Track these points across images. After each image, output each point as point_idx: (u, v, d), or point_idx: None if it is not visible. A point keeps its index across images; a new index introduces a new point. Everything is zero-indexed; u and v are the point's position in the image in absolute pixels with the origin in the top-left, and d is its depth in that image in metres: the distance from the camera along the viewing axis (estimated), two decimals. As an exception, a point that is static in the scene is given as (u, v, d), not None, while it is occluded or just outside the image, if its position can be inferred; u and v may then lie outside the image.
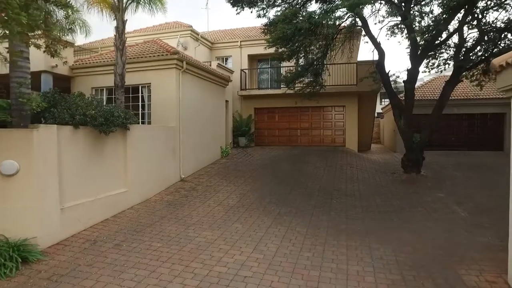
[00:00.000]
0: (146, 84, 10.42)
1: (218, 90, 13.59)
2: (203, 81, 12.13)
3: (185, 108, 10.68)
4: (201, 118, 11.91)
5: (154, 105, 10.27)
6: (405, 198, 9.08)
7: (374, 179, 11.13)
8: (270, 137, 17.27)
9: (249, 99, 17.23)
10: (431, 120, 11.42)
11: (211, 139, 12.77)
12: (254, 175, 11.13)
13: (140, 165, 8.31)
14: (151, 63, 10.14)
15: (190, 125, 11.00)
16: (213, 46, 18.07)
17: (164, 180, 9.46)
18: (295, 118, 16.98)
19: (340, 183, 10.42)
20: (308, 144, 16.70)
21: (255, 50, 17.39)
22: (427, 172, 11.83)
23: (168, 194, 9.06)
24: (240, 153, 14.55)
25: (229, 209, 7.91)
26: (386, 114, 22.41)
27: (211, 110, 12.88)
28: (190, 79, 11.06)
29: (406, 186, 10.45)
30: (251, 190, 9.47)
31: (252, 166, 12.24)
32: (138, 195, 8.14)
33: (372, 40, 11.64)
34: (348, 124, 16.12)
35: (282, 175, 11.09)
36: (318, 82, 12.94)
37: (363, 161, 13.87)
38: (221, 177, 10.84)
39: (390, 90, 11.75)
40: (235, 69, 17.02)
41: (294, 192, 9.37)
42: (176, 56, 9.83)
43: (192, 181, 10.30)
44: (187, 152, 10.77)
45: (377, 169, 12.70)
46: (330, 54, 12.36)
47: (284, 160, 13.20)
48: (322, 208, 8.05)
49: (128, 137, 7.82)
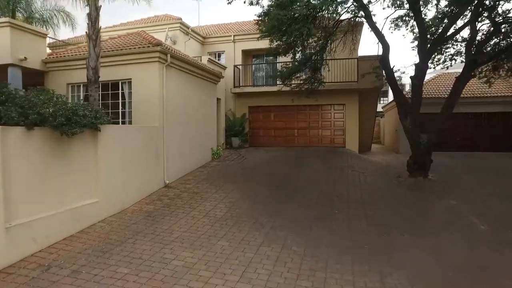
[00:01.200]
0: (127, 80, 9.40)
1: (208, 87, 12.59)
2: (191, 77, 11.12)
3: (170, 106, 9.67)
4: (189, 117, 10.91)
5: (136, 103, 9.26)
6: (414, 206, 8.13)
7: (377, 184, 10.17)
8: (265, 137, 16.29)
9: (243, 97, 16.23)
10: (440, 120, 10.48)
11: (200, 140, 11.77)
12: (247, 179, 10.14)
13: (115, 171, 7.31)
14: (131, 56, 9.12)
15: (176, 125, 10.00)
16: (205, 41, 17.05)
17: (145, 187, 8.46)
18: (292, 117, 16.00)
19: (341, 188, 9.45)
20: (306, 144, 15.74)
21: (250, 45, 16.39)
22: (435, 176, 10.90)
23: (149, 203, 8.06)
24: (232, 155, 13.56)
25: (216, 222, 6.93)
26: (387, 113, 21.48)
27: (201, 109, 11.87)
28: (176, 75, 10.05)
29: (413, 191, 9.50)
30: (242, 198, 8.48)
31: (244, 170, 11.26)
32: (112, 206, 7.13)
33: (376, 32, 10.67)
34: (348, 123, 15.17)
35: (278, 180, 10.12)
36: (317, 78, 11.96)
37: (364, 163, 12.91)
38: (210, 182, 9.85)
39: (395, 87, 10.79)
40: (228, 65, 16.02)
41: (290, 200, 8.40)
42: (159, 48, 8.81)
43: (177, 187, 9.30)
44: (173, 155, 9.77)
45: (380, 172, 11.75)
46: (330, 47, 11.37)
47: (280, 163, 12.23)
48: (321, 220, 7.08)
49: (100, 139, 6.81)
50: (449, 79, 17.76)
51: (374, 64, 12.51)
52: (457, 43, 13.26)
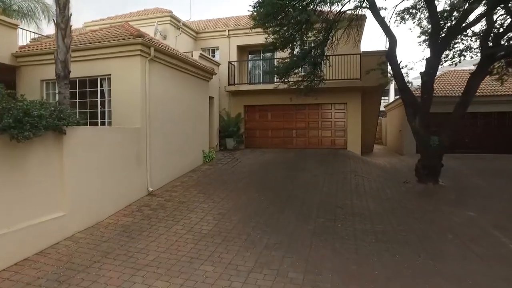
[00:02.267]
0: (106, 76, 8.44)
1: (200, 84, 11.64)
2: (180, 74, 10.17)
3: (155, 105, 8.73)
4: (177, 117, 9.96)
5: (115, 102, 8.30)
6: (427, 218, 7.20)
7: (384, 191, 9.25)
8: (261, 139, 15.35)
9: (238, 96, 15.29)
10: (452, 120, 9.56)
11: (190, 142, 10.82)
12: (240, 186, 9.20)
13: (87, 179, 6.37)
14: (110, 49, 8.16)
15: (161, 126, 9.05)
16: (198, 36, 16.09)
17: (124, 196, 7.51)
18: (290, 117, 15.07)
19: (344, 196, 8.53)
20: (305, 146, 14.80)
21: (245, 40, 15.45)
22: (445, 181, 10.00)
23: (128, 214, 7.11)
24: (226, 158, 12.62)
25: (201, 239, 5.99)
26: (390, 112, 20.58)
27: (191, 108, 10.93)
28: (162, 70, 9.11)
29: (424, 200, 8.59)
30: (233, 209, 7.55)
31: (238, 175, 10.32)
32: (82, 219, 6.19)
33: (382, 24, 9.76)
34: (350, 123, 14.24)
35: (274, 187, 9.19)
36: (317, 75, 11.02)
37: (368, 167, 11.99)
38: (199, 189, 8.91)
39: (403, 84, 9.87)
40: (223, 62, 15.07)
41: (287, 211, 7.47)
42: (140, 40, 7.86)
43: (162, 196, 8.36)
44: (158, 159, 8.83)
45: (385, 177, 10.83)
46: (331, 40, 10.43)
47: (277, 166, 11.30)
48: (323, 236, 6.15)
49: (67, 143, 5.86)
50: (456, 77, 16.88)
51: (378, 60, 11.60)
52: (467, 37, 12.38)
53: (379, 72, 11.43)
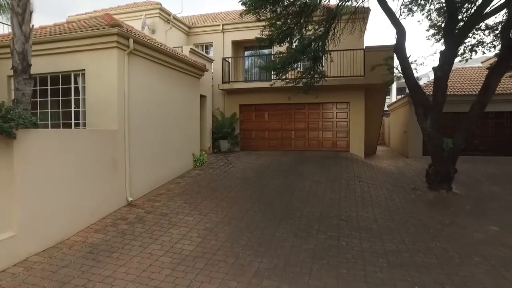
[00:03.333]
0: (80, 71, 7.48)
1: (190, 82, 10.68)
2: (167, 70, 9.22)
3: (136, 104, 7.78)
4: (163, 117, 9.01)
5: (90, 101, 7.34)
6: (445, 234, 6.25)
7: (392, 200, 8.29)
8: (258, 140, 14.39)
9: (233, 94, 14.33)
10: (468, 121, 8.59)
11: (178, 145, 9.86)
12: (231, 195, 8.24)
13: (46, 191, 5.40)
14: (83, 40, 7.19)
15: (144, 128, 8.10)
16: (191, 31, 15.13)
17: (98, 208, 6.55)
18: (289, 117, 14.11)
19: (348, 207, 7.57)
20: (304, 148, 13.85)
21: (241, 35, 14.50)
22: (458, 188, 9.05)
23: (99, 230, 6.15)
24: (219, 161, 11.66)
25: (181, 262, 5.03)
26: (394, 112, 19.62)
27: (180, 108, 9.97)
28: (144, 65, 8.16)
29: (437, 211, 7.63)
30: (222, 222, 6.59)
31: (230, 181, 9.35)
32: (39, 239, 5.23)
33: (389, 15, 8.80)
34: (352, 124, 13.28)
35: (269, 196, 8.23)
36: (317, 71, 10.05)
37: (373, 172, 11.03)
38: (186, 198, 7.94)
39: (412, 81, 8.90)
40: (217, 58, 14.12)
41: (283, 225, 6.51)
42: (116, 29, 6.89)
43: (142, 206, 7.39)
44: (139, 165, 7.87)
45: (392, 184, 9.87)
46: (333, 32, 9.46)
47: (274, 172, 10.33)
48: (325, 259, 5.19)
49: (18, 149, 4.90)
50: (466, 74, 15.95)
51: (384, 55, 10.68)
52: (478, 31, 11.44)
53: (385, 68, 10.50)
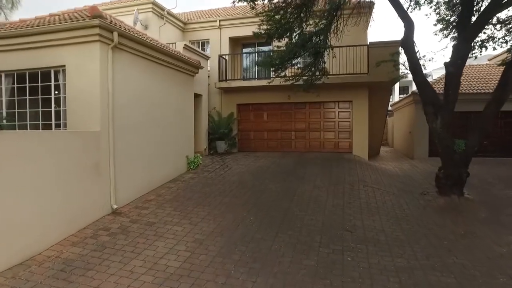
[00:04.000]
0: (60, 67, 6.87)
1: (184, 80, 10.07)
2: (158, 67, 8.61)
3: (122, 103, 7.18)
4: (154, 117, 8.40)
5: (71, 99, 6.73)
6: (461, 247, 5.62)
7: (400, 206, 7.67)
8: (256, 141, 13.78)
9: (231, 93, 13.72)
10: (483, 120, 7.94)
11: (171, 147, 9.25)
12: (226, 201, 7.62)
13: (13, 200, 4.80)
14: (62, 33, 6.58)
15: (131, 129, 7.50)
16: (186, 28, 14.52)
17: (77, 217, 5.94)
18: (289, 117, 13.50)
19: (353, 215, 6.95)
20: (305, 149, 13.24)
21: (239, 32, 13.88)
22: (471, 193, 8.42)
23: (77, 243, 5.54)
24: (214, 164, 11.04)
25: (164, 282, 4.42)
26: (397, 111, 18.98)
27: (172, 107, 9.36)
28: (131, 61, 7.55)
29: (450, 218, 7.00)
30: (214, 233, 5.97)
31: (225, 186, 8.74)
32: (3, 256, 4.62)
33: (396, 7, 8.18)
34: (356, 124, 12.66)
35: (267, 202, 7.61)
36: (318, 67, 9.43)
37: (378, 175, 10.40)
38: (176, 205, 7.33)
39: (421, 78, 8.27)
40: (214, 55, 13.52)
41: (282, 237, 5.89)
42: (97, 21, 6.27)
43: (128, 214, 6.78)
44: (126, 169, 7.27)
45: (399, 188, 9.24)
46: (336, 24, 8.83)
47: (272, 175, 9.72)
48: (329, 279, 4.57)
49: (-21, 154, 4.30)
50: (473, 72, 15.31)
51: (389, 51, 10.05)
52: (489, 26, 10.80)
53: (391, 65, 9.87)
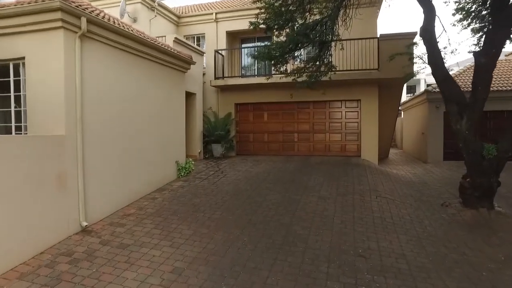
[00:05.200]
0: (20, 60, 5.85)
1: (173, 76, 9.02)
2: (141, 61, 7.56)
3: (95, 102, 6.14)
4: (135, 119, 7.36)
5: (32, 97, 5.69)
6: (507, 279, 4.51)
7: (420, 222, 6.55)
8: (256, 144, 12.71)
9: (228, 92, 12.66)
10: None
11: (157, 152, 8.20)
12: (216, 217, 6.54)
13: None
14: (18, 19, 5.53)
15: (107, 132, 6.45)
16: (180, 21, 13.48)
17: (32, 240, 4.90)
18: (291, 117, 12.42)
19: (366, 234, 5.84)
20: (309, 153, 12.14)
21: (237, 25, 12.81)
22: (502, 205, 7.29)
23: (27, 274, 4.48)
24: (209, 169, 9.98)
25: (123, 337, 3.36)
26: (407, 111, 17.82)
27: (159, 107, 8.32)
28: (106, 54, 6.50)
29: (482, 238, 5.87)
30: (198, 260, 4.89)
31: (218, 196, 7.66)
32: None
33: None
34: (364, 125, 11.54)
35: (265, 217, 6.52)
36: (324, 61, 8.32)
37: (390, 182, 9.28)
38: (159, 221, 6.27)
39: (443, 72, 7.14)
40: (210, 51, 12.48)
41: (280, 265, 4.80)
42: (58, 3, 5.21)
43: (101, 233, 5.73)
44: (100, 179, 6.22)
45: (416, 198, 8.12)
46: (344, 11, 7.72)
47: (272, 183, 8.63)
48: (340, 329, 3.48)
49: None
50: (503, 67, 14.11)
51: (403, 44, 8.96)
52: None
53: (405, 59, 8.76)
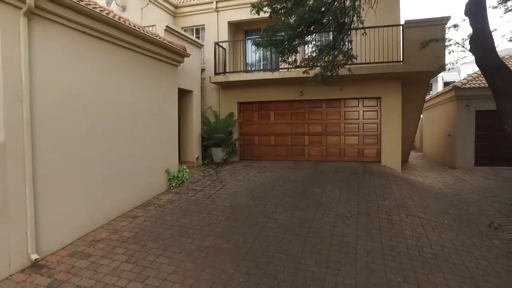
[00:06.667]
0: (-44, 47, 4.59)
1: (162, 71, 7.72)
2: (118, 51, 6.26)
3: (52, 102, 4.85)
4: (111, 121, 6.05)
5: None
6: None
7: (468, 252, 5.08)
8: (262, 148, 11.34)
9: (230, 89, 11.32)
10: None
11: (141, 160, 6.89)
12: (208, 243, 5.16)
13: None
14: None
15: (69, 137, 5.16)
16: (178, 12, 12.19)
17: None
18: (301, 118, 11.00)
19: (400, 272, 4.40)
20: (321, 158, 10.72)
21: (240, 15, 11.47)
22: None
23: None
24: (206, 178, 8.64)
25: None
26: (429, 110, 16.19)
27: (143, 107, 7.01)
28: (67, 40, 5.19)
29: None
30: (172, 318, 3.55)
31: (212, 215, 6.29)
32: None
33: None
34: (385, 126, 10.06)
35: (268, 245, 5.12)
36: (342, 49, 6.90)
37: (419, 194, 7.80)
38: (134, 250, 4.93)
39: (495, 58, 5.66)
40: (211, 44, 11.17)
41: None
42: (-10, -33, 3.95)
43: (55, 269, 4.42)
44: (60, 198, 4.93)
45: (454, 216, 6.64)
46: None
47: (279, 197, 7.23)
48: None
49: None
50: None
51: (434, 31, 7.50)
52: None
53: (435, 48, 7.28)
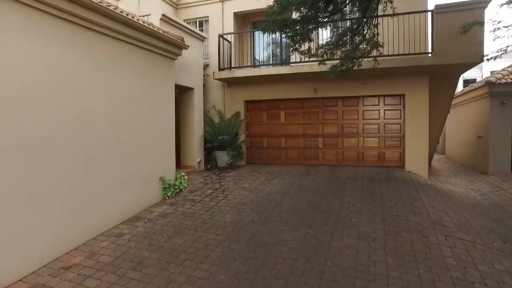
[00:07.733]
0: None
1: (156, 64, 6.80)
2: (103, 41, 5.36)
3: (15, 96, 3.97)
4: (92, 120, 5.16)
5: None
6: None
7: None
8: (271, 151, 10.35)
9: (236, 86, 10.35)
10: None
11: (128, 167, 5.98)
12: (201, 273, 4.18)
13: None
14: None
15: (37, 144, 4.27)
16: (179, 3, 11.27)
17: None
18: (315, 118, 9.96)
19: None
20: (337, 162, 9.66)
21: (247, 5, 10.50)
22: None
23: None
24: (206, 187, 7.69)
25: None
26: (454, 108, 14.86)
27: (133, 105, 6.11)
28: (36, 26, 4.30)
29: None
30: None
31: (210, 234, 5.31)
32: None
33: None
34: (410, 127, 8.94)
35: (276, 278, 4.11)
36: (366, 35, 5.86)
37: (454, 207, 6.67)
38: (109, 283, 4.00)
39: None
40: (216, 39, 10.23)
41: None
42: None
43: (6, 311, 3.55)
44: (22, 213, 4.06)
45: (501, 235, 5.51)
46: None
47: (290, 210, 6.22)
48: None
49: None
50: None
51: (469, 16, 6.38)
52: None
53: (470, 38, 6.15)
